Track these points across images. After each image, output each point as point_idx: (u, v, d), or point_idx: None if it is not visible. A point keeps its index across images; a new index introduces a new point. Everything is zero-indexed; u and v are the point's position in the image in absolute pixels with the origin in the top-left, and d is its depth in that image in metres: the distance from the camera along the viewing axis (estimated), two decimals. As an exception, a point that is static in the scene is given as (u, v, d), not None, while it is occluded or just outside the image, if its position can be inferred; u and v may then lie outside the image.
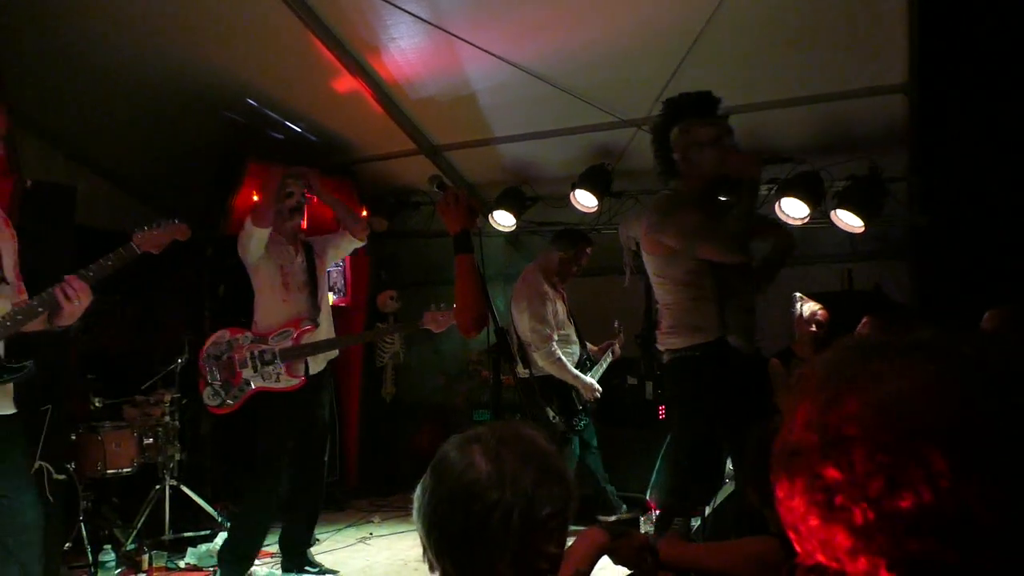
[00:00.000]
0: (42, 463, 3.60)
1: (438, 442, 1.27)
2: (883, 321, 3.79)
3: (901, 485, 0.59)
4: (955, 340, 0.65)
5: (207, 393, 3.89)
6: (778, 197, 4.29)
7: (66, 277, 2.59)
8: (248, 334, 3.92)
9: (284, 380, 3.88)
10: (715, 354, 3.06)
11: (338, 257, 4.59)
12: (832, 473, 0.62)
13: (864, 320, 3.84)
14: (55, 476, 3.68)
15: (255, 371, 3.86)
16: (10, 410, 2.65)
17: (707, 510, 3.46)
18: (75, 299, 2.57)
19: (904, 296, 5.63)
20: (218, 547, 4.02)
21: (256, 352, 3.88)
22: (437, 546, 1.14)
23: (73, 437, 3.99)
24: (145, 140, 5.25)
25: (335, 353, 4.14)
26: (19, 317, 2.53)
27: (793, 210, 4.24)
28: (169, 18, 4.23)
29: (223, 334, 3.94)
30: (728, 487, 3.59)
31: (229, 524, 4.21)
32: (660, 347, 3.29)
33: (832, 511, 0.62)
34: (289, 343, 3.90)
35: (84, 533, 3.89)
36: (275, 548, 4.21)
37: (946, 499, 0.57)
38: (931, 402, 0.60)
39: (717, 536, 3.23)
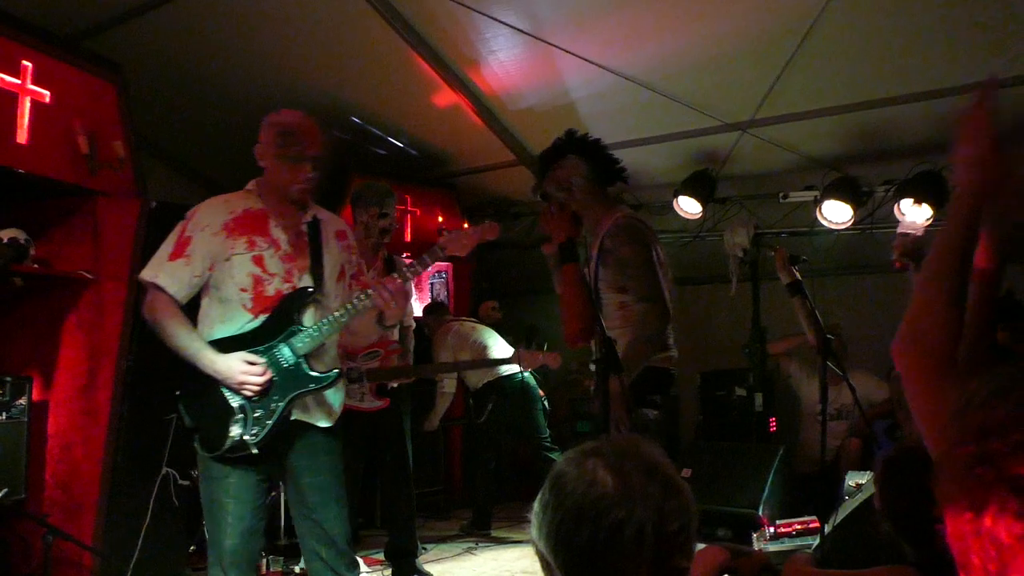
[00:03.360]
0: (168, 469, 3.80)
1: (540, 453, 1.22)
2: (1018, 328, 3.53)
3: None
4: None
5: None
6: (897, 199, 4.08)
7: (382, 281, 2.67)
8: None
9: (368, 401, 3.87)
10: None
11: None
12: None
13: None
14: (180, 482, 3.87)
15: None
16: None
17: (826, 528, 3.31)
18: (392, 301, 2.59)
19: (1038, 301, 5.24)
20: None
21: (344, 369, 3.90)
22: (565, 566, 1.10)
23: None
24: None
25: None
26: (325, 327, 2.57)
27: (915, 213, 4.01)
28: (279, 44, 4.41)
29: None
30: (848, 504, 3.41)
31: None
32: None
33: None
34: (376, 364, 3.87)
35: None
36: (383, 556, 4.29)
37: None
38: None
39: (838, 557, 3.07)
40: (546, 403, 5.25)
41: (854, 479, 3.66)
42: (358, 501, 4.17)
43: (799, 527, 4.11)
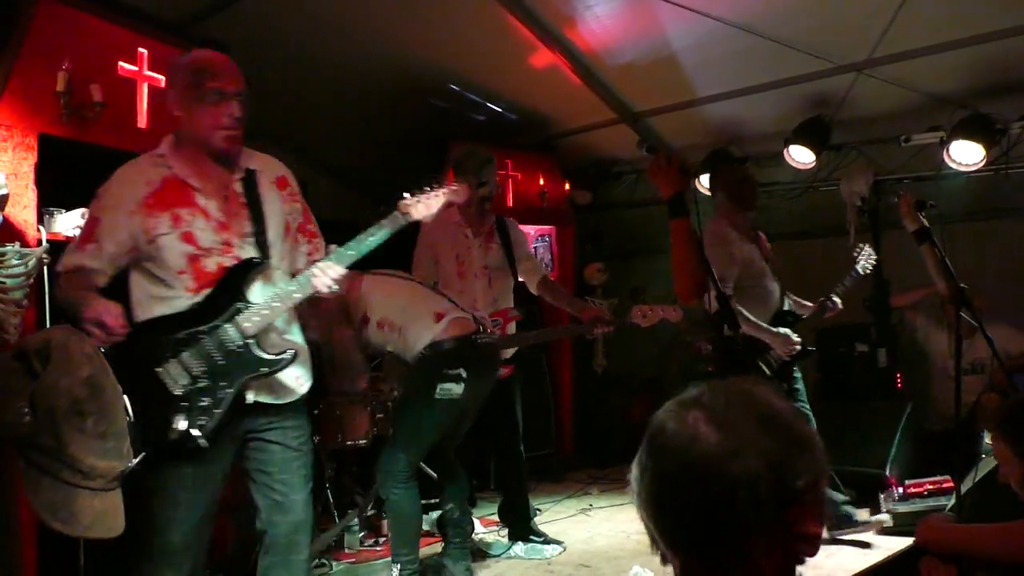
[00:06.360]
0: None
1: (652, 414, 1.08)
2: None
3: None
4: None
5: None
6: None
7: (319, 263, 2.35)
8: None
9: None
10: None
11: None
12: None
13: None
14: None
15: None
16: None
17: (962, 488, 3.12)
18: (331, 285, 2.33)
19: None
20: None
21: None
22: (670, 537, 0.98)
23: (316, 412, 4.33)
24: (358, 134, 5.58)
25: None
26: (276, 304, 2.33)
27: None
28: (375, 16, 4.43)
29: None
30: (987, 461, 3.20)
31: None
32: None
33: None
34: (496, 333, 3.84)
35: (331, 499, 4.23)
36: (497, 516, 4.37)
37: None
38: None
39: (978, 517, 2.90)
40: None
41: (993, 436, 3.43)
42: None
43: (931, 487, 3.92)
